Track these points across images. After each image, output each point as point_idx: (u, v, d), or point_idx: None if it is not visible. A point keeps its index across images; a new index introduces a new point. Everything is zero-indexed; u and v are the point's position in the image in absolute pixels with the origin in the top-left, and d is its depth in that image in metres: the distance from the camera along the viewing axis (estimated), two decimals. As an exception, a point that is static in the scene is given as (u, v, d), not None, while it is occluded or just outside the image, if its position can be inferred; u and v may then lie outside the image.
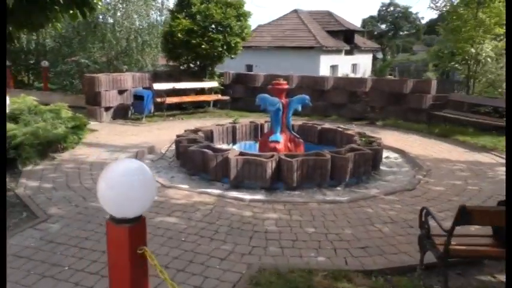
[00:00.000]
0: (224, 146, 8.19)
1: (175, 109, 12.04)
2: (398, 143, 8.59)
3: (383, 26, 63.48)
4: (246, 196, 5.51)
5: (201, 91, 12.44)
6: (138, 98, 10.94)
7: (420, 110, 11.07)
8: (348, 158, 5.97)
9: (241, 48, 12.48)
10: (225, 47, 11.77)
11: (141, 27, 14.73)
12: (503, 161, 7.43)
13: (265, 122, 8.80)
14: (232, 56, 12.34)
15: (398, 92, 11.29)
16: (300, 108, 7.35)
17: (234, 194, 5.56)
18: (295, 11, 34.96)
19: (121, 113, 11.11)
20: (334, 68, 33.07)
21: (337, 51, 33.44)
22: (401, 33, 63.74)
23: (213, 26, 11.65)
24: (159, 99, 10.91)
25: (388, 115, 11.24)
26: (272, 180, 5.81)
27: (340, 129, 8.05)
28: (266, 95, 7.45)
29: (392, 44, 57.04)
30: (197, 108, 12.70)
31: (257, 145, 8.60)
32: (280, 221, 4.58)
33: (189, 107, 12.49)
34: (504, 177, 6.47)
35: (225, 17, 11.42)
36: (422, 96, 11.04)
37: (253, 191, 5.79)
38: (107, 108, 10.82)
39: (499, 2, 9.66)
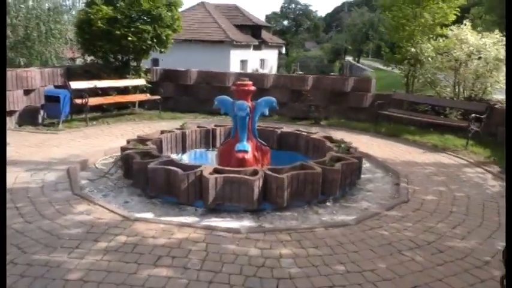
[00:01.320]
0: (173, 156, 7.04)
1: (95, 111, 10.33)
2: (356, 145, 8.19)
3: (285, 22, 65.18)
4: (233, 223, 4.55)
5: (125, 90, 10.86)
6: (51, 99, 9.05)
7: (361, 109, 10.96)
8: (339, 170, 5.31)
9: (172, 41, 11.15)
10: (155, 40, 10.37)
11: (43, 13, 12.44)
12: (463, 161, 7.46)
13: (216, 126, 7.79)
14: (162, 50, 10.96)
15: (340, 91, 11.05)
16: (267, 112, 6.51)
17: (220, 223, 4.53)
18: (202, 3, 33.81)
19: (29, 118, 9.11)
20: (244, 63, 32.77)
21: (247, 46, 33.20)
22: (301, 29, 66.06)
23: (140, 15, 10.16)
24: (79, 101, 9.16)
25: (329, 114, 10.93)
26: (258, 201, 4.90)
27: (304, 133, 7.37)
28: (226, 98, 6.51)
29: (295, 40, 58.85)
30: (120, 109, 11.09)
31: (209, 154, 7.60)
32: (298, 258, 3.71)
33: (111, 109, 10.83)
34: (479, 180, 6.40)
35: (155, 6, 10.01)
36: (363, 94, 10.94)
37: (236, 215, 4.82)
38: (11, 113, 8.77)
39: (443, 2, 9.90)
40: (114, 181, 5.86)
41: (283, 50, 55.33)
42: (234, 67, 29.39)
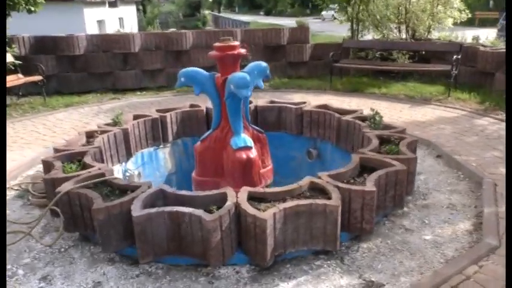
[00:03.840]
0: (117, 167, 4.60)
1: None
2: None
3: (136, -25, 58.67)
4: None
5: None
6: None
7: (301, 64, 9.40)
8: (416, 158, 3.66)
9: (46, -5, 7.81)
10: (20, -6, 7.01)
11: None
12: (463, 112, 6.49)
13: (161, 112, 5.37)
14: (33, 9, 7.57)
15: (276, 44, 9.24)
16: (262, 85, 4.40)
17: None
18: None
19: None
20: (101, 23, 28.37)
21: (101, 3, 28.74)
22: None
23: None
24: None
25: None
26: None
27: (290, 106, 5.46)
28: (197, 70, 4.28)
29: (152, -6, 53.60)
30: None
31: (161, 153, 5.28)
32: None
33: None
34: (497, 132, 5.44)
35: None
36: (302, 46, 9.34)
37: (309, 266, 2.87)
38: None
39: None
40: (44, 239, 3.30)
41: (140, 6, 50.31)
42: (91, 29, 25.00)
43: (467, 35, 10.09)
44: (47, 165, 3.75)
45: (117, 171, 4.54)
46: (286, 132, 5.50)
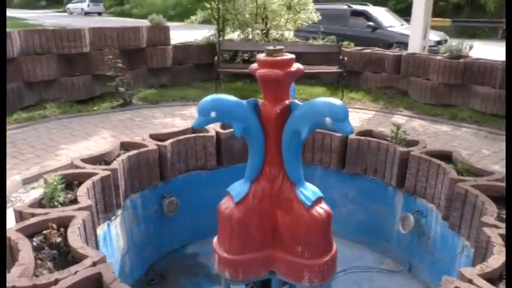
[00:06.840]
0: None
1: None
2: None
3: None
4: None
5: None
6: None
7: (163, 70, 7.89)
8: None
9: None
10: None
11: None
12: (373, 111, 6.69)
13: (95, 161, 3.41)
14: None
15: (135, 47, 7.39)
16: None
17: None
18: None
19: None
20: None
21: None
22: None
23: None
24: None
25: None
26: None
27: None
28: (231, 99, 2.73)
29: None
30: None
31: (113, 228, 3.48)
32: None
33: None
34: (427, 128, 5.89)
35: None
36: (163, 49, 7.81)
37: None
38: None
39: None
40: None
41: None
42: None
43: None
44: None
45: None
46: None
